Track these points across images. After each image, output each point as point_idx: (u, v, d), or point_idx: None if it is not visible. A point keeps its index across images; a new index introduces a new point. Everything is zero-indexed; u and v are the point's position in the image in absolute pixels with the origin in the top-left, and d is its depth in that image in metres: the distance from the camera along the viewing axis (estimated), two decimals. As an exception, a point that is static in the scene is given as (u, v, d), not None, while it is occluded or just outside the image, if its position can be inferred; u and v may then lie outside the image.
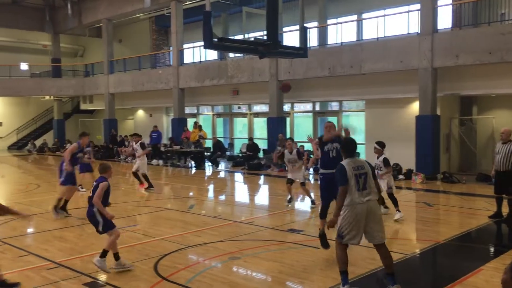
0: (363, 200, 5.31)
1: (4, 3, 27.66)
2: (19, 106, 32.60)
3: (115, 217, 6.53)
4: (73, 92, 29.84)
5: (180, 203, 12.05)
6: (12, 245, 7.77)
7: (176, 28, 22.30)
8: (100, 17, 26.42)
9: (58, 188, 11.93)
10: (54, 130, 31.70)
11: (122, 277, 6.14)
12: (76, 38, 33.59)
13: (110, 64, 26.54)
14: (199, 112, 25.83)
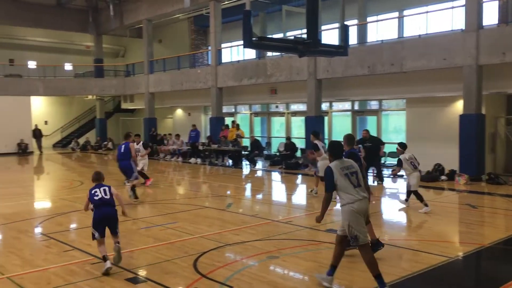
0: (362, 195, 5.42)
1: (50, 6, 28.63)
2: (64, 105, 33.68)
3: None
4: (114, 92, 30.57)
5: (218, 201, 12.13)
6: (58, 240, 8.02)
7: (215, 28, 22.47)
8: (140, 17, 26.95)
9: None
10: (96, 129, 32.59)
11: (162, 274, 6.23)
12: (118, 38, 34.40)
13: (150, 64, 27.04)
14: (236, 111, 25.96)
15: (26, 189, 15.40)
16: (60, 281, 6.01)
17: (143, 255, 7.20)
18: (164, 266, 6.55)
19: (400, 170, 10.52)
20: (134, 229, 8.79)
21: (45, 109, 32.64)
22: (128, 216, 7.72)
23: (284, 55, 18.86)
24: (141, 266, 6.66)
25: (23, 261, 6.90)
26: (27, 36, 31.15)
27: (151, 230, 8.73)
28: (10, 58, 30.33)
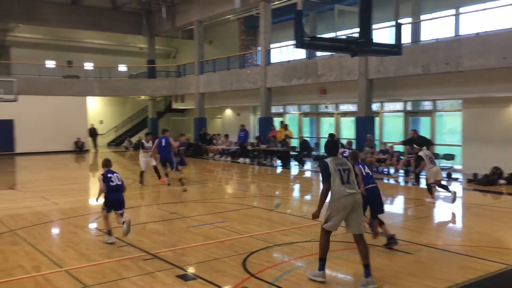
0: (348, 192, 5.77)
1: (106, 9, 29.68)
2: (118, 105, 34.82)
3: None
4: (166, 92, 31.28)
5: (266, 201, 12.15)
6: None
7: (265, 28, 22.53)
8: (192, 19, 27.43)
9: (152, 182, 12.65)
10: (148, 128, 33.42)
11: (211, 272, 6.31)
12: (170, 40, 35.18)
13: (200, 64, 27.47)
14: (285, 111, 25.92)
15: (82, 185, 16.03)
16: (114, 275, 6.20)
17: (193, 252, 7.32)
18: (213, 264, 6.63)
19: (425, 165, 11.31)
20: (185, 227, 8.95)
21: (100, 109, 33.87)
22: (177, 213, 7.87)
23: (335, 55, 18.64)
24: (191, 264, 6.77)
25: (80, 255, 7.18)
26: (85, 38, 32.45)
27: (201, 228, 8.86)
28: (68, 60, 31.69)
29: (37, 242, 7.93)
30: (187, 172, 18.32)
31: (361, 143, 18.12)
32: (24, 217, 10.08)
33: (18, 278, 6.14)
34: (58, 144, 27.85)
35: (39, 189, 14.36)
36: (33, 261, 6.83)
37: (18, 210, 10.84)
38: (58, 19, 28.36)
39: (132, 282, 5.95)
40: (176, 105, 32.64)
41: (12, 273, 6.32)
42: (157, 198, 12.78)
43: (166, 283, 5.93)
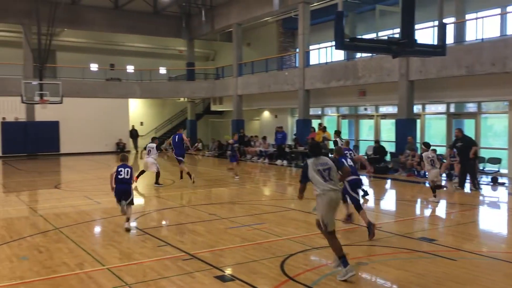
0: (330, 187, 6.24)
1: (147, 13, 30.28)
2: (157, 107, 35.45)
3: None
4: (204, 94, 31.62)
5: (304, 204, 12.03)
6: (152, 235, 8.43)
7: (303, 30, 22.43)
8: (231, 22, 27.63)
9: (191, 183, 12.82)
10: (187, 130, 33.86)
11: (250, 273, 6.31)
12: (209, 43, 35.54)
13: (238, 67, 27.62)
14: (323, 113, 25.70)
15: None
16: (154, 274, 6.30)
17: (231, 254, 7.35)
18: (251, 266, 6.63)
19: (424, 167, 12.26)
20: (222, 228, 9.00)
21: (141, 110, 34.57)
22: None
23: (375, 56, 18.34)
24: (229, 265, 6.80)
25: (121, 253, 7.33)
26: (126, 42, 33.22)
27: (239, 230, 8.88)
28: (111, 63, 32.53)
29: (81, 240, 8.15)
30: (223, 173, 18.45)
31: (402, 145, 17.74)
32: (69, 215, 10.39)
33: (63, 275, 6.33)
34: (100, 145, 28.63)
35: (82, 188, 14.79)
36: (77, 259, 7.03)
37: (62, 209, 11.19)
38: (101, 24, 29.16)
39: (172, 282, 6.02)
40: (214, 107, 32.93)
41: (57, 270, 6.52)
42: (196, 199, 12.91)
43: (204, 284, 5.97)
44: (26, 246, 7.82)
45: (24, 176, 18.20)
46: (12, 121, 26.64)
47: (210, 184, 16.16)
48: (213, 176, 17.98)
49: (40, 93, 22.60)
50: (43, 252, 7.43)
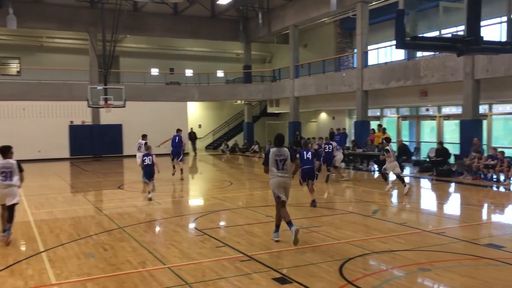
0: (280, 175, 8.08)
1: (205, 18, 30.89)
2: (215, 109, 36.05)
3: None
4: (261, 96, 31.81)
5: (363, 207, 11.82)
6: (211, 236, 8.55)
7: (361, 30, 22.04)
8: (287, 24, 27.63)
9: (248, 185, 12.81)
10: (244, 132, 34.22)
11: (308, 276, 6.25)
12: (265, 45, 35.74)
13: (295, 68, 27.56)
14: (383, 114, 25.12)
15: (183, 187, 16.75)
16: (213, 275, 6.38)
17: (289, 256, 7.32)
18: (309, 269, 6.57)
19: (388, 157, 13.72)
20: (280, 231, 8.96)
21: (199, 113, 35.30)
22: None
23: (437, 55, 17.69)
24: (287, 267, 6.78)
25: (181, 253, 7.49)
26: (185, 47, 34.06)
27: (296, 232, 8.81)
28: (170, 68, 33.46)
29: (143, 239, 8.42)
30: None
31: (467, 147, 16.99)
32: (131, 215, 10.76)
33: (126, 272, 6.55)
34: (160, 147, 29.43)
35: (144, 189, 15.26)
36: (139, 257, 7.25)
37: (125, 209, 11.61)
38: (161, 29, 30.06)
39: (230, 282, 6.07)
40: (271, 109, 33.04)
41: (121, 268, 6.76)
42: (252, 201, 12.98)
43: (262, 285, 5.98)
44: (92, 244, 8.18)
45: (90, 177, 19.06)
46: (79, 124, 28.01)
47: (267, 186, 16.19)
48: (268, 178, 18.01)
49: (105, 97, 23.60)
50: (108, 250, 7.73)
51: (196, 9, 29.05)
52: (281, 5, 28.13)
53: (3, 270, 6.71)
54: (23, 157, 20.21)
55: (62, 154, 27.23)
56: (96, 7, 26.76)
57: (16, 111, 26.68)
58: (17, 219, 10.34)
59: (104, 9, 24.21)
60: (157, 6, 28.00)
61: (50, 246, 7.96)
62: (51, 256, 7.40)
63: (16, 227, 9.65)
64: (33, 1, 26.44)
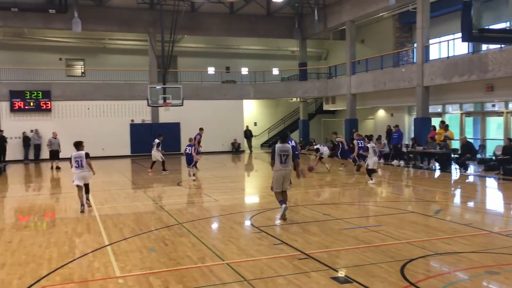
0: (282, 168, 9.58)
1: (261, 16, 30.99)
2: (270, 107, 36.10)
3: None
4: (317, 94, 31.52)
5: (424, 206, 11.44)
6: (268, 233, 8.57)
7: (422, 23, 21.29)
8: (344, 19, 27.19)
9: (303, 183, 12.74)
10: (300, 130, 34.06)
11: (368, 276, 6.12)
12: (321, 42, 35.37)
13: (352, 65, 27.08)
14: (444, 110, 24.17)
15: (239, 184, 16.92)
16: (271, 272, 6.39)
17: (348, 255, 7.20)
18: (369, 269, 6.43)
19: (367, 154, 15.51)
20: (338, 229, 8.86)
21: (254, 111, 35.49)
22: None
23: (506, 48, 16.79)
24: (346, 266, 6.67)
25: (239, 250, 7.55)
26: (241, 45, 34.33)
27: (355, 231, 8.68)
28: (226, 66, 33.85)
29: (201, 235, 8.57)
30: (335, 173, 18.19)
31: (537, 145, 16.03)
32: (190, 211, 11.00)
33: (186, 267, 6.69)
34: (217, 145, 29.90)
35: (201, 186, 15.56)
36: (199, 253, 7.39)
37: (184, 205, 11.87)
38: (218, 29, 30.47)
39: (288, 280, 6.05)
40: (327, 106, 32.67)
41: (181, 262, 6.91)
42: (309, 199, 12.88)
43: (320, 284, 5.91)
44: (153, 238, 8.42)
45: (150, 174, 19.62)
46: (139, 123, 28.94)
47: (323, 184, 16.05)
48: (325, 176, 17.82)
49: (164, 96, 24.25)
50: (168, 245, 7.93)
51: (251, 7, 29.21)
52: (337, 0, 27.70)
53: (71, 262, 7.04)
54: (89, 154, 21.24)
55: (123, 151, 28.27)
56: (156, 9, 27.52)
57: (81, 110, 27.97)
58: (83, 214, 10.83)
59: (163, 10, 24.86)
60: (213, 6, 28.43)
61: (114, 240, 8.27)
62: (116, 249, 7.68)
63: (82, 221, 10.12)
64: (96, 5, 27.56)
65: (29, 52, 29.46)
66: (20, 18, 26.36)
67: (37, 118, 27.10)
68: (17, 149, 26.60)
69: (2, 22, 26.27)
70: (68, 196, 13.95)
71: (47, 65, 28.82)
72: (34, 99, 26.90)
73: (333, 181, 16.67)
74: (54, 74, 28.63)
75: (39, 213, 11.42)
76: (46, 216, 11.03)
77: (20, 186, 17.36)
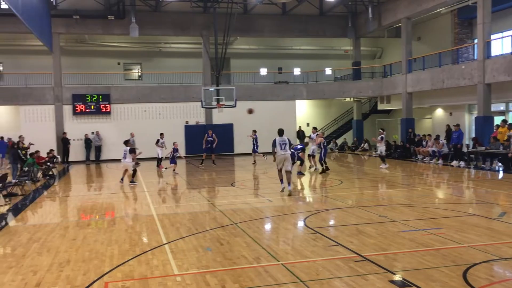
0: (282, 153, 13.27)
1: (314, 16, 30.80)
2: (323, 108, 35.76)
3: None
4: (371, 93, 30.92)
5: (486, 209, 10.94)
6: (322, 234, 8.49)
7: (483, 18, 20.41)
8: (399, 16, 26.53)
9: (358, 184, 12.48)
10: (353, 130, 33.55)
11: (428, 280, 5.92)
12: (375, 40, 34.68)
13: (408, 63, 26.36)
14: (508, 109, 23.05)
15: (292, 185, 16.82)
16: (327, 273, 6.32)
17: (406, 258, 6.99)
18: (429, 273, 6.22)
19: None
20: (395, 231, 8.64)
21: (307, 111, 35.27)
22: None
23: None
24: (405, 270, 6.48)
25: (294, 250, 7.52)
26: (293, 45, 34.26)
27: (413, 234, 8.42)
28: (279, 67, 33.87)
29: (256, 236, 8.61)
30: (392, 174, 17.74)
31: None
32: (244, 211, 11.07)
33: (242, 267, 6.74)
34: (269, 145, 29.73)
35: (254, 187, 15.65)
36: (254, 253, 7.42)
37: (238, 205, 11.96)
38: (270, 30, 30.57)
39: (345, 282, 5.96)
40: (381, 106, 31.96)
41: (237, 262, 6.97)
42: (364, 200, 12.65)
43: (378, 287, 5.78)
44: (209, 238, 8.55)
45: (204, 174, 19.97)
46: (193, 124, 29.52)
47: (378, 185, 15.72)
48: (380, 177, 17.45)
49: (217, 98, 24.60)
50: (224, 244, 8.03)
51: (304, 7, 29.09)
52: (392, -3, 27.10)
53: (132, 259, 7.27)
54: (146, 155, 21.94)
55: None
56: (209, 12, 27.99)
57: (138, 112, 28.89)
58: (142, 213, 11.18)
59: (216, 13, 25.22)
60: (266, 7, 28.54)
61: (172, 239, 8.47)
62: (173, 248, 7.86)
63: (141, 220, 10.44)
64: (152, 10, 28.39)
65: (90, 57, 30.79)
66: (82, 25, 27.62)
67: (97, 120, 28.27)
68: (79, 150, 27.87)
69: (65, 29, 27.59)
70: (128, 196, 14.44)
71: (107, 70, 30.02)
72: (94, 102, 28.09)
73: (388, 182, 16.28)
74: (113, 78, 29.76)
75: (100, 211, 11.89)
76: (106, 214, 11.46)
77: (82, 186, 18.15)
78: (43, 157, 20.93)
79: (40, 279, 6.45)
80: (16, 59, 29.32)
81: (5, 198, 13.57)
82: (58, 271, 6.80)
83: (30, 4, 16.70)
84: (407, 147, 25.30)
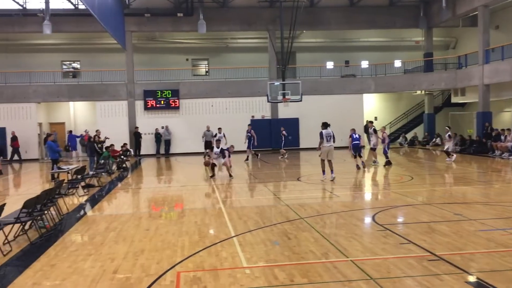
0: (328, 145, 14.77)
1: (382, 7, 29.87)
2: (392, 101, 34.67)
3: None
4: (444, 86, 29.58)
5: None
6: (393, 232, 8.24)
7: None
8: (476, 4, 25.11)
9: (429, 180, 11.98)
10: (424, 124, 32.30)
11: (508, 283, 5.58)
12: (448, 30, 33.10)
13: (485, 53, 24.93)
14: None
15: (360, 180, 16.49)
16: (398, 272, 6.13)
17: (484, 259, 6.64)
18: (510, 275, 5.87)
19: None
20: (472, 230, 8.22)
21: (375, 105, 34.37)
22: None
23: None
24: (483, 271, 6.14)
25: (363, 247, 7.36)
26: (360, 38, 33.46)
27: (491, 233, 7.97)
28: (345, 60, 33.22)
29: (324, 231, 8.52)
30: (467, 170, 16.90)
31: None
32: (311, 206, 10.98)
33: (310, 262, 6.69)
34: (336, 140, 29.42)
35: (321, 181, 15.48)
36: (322, 248, 7.35)
37: (305, 200, 11.89)
38: (337, 22, 30.02)
39: (418, 282, 5.75)
40: (455, 98, 30.48)
41: (305, 257, 6.93)
42: (436, 197, 12.13)
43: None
44: (276, 232, 8.57)
45: (270, 169, 20.06)
46: (259, 118, 29.69)
47: (450, 181, 15.04)
48: (453, 173, 16.67)
49: (283, 92, 24.56)
50: (291, 239, 8.01)
51: (372, -2, 28.30)
52: (468, -16, 25.71)
53: (202, 250, 7.44)
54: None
55: (244, 146, 29.18)
56: (275, 6, 27.97)
57: (206, 107, 29.50)
58: (208, 205, 11.41)
59: (283, 7, 25.14)
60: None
61: (240, 232, 8.58)
62: (241, 241, 7.96)
63: (210, 212, 10.66)
64: (219, 6, 28.80)
65: (160, 54, 31.84)
66: (152, 22, 28.58)
67: (167, 115, 29.20)
68: (150, 144, 28.94)
69: (137, 27, 28.68)
70: (197, 188, 14.81)
71: (176, 66, 30.89)
72: (164, 98, 29.01)
73: (462, 178, 15.52)
74: (181, 74, 30.58)
75: (171, 203, 12.27)
76: (176, 206, 11.81)
77: (153, 178, 18.83)
78: (118, 150, 21.92)
79: (117, 267, 6.75)
80: (92, 57, 30.91)
81: (83, 189, 14.38)
82: (134, 259, 7.09)
83: (104, 4, 17.52)
84: (483, 142, 23.99)
